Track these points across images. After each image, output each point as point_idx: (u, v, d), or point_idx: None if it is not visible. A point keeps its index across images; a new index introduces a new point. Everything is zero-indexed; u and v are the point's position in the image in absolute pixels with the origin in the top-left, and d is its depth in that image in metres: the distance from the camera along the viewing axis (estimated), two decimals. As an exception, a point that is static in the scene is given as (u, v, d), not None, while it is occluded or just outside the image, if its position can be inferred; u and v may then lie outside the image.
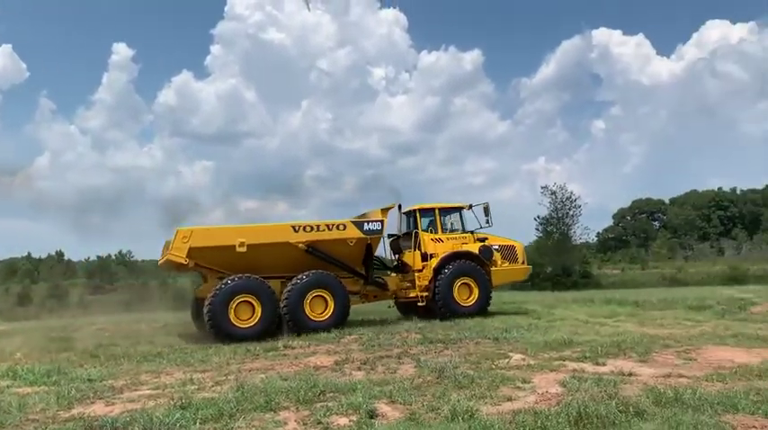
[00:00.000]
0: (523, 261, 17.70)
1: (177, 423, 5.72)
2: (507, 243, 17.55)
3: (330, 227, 15.06)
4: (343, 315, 14.47)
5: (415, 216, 16.75)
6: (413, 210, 16.86)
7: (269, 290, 13.88)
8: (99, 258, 60.74)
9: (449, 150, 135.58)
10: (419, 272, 16.02)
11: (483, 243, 16.66)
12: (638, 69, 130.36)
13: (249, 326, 13.36)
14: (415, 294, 15.87)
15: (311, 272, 14.32)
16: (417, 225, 16.54)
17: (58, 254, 66.83)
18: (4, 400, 7.19)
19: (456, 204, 17.58)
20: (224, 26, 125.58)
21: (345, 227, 15.15)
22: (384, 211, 16.04)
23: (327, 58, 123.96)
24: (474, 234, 17.01)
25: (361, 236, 15.20)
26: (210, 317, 13.14)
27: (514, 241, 18.01)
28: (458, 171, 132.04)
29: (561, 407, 5.62)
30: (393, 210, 16.65)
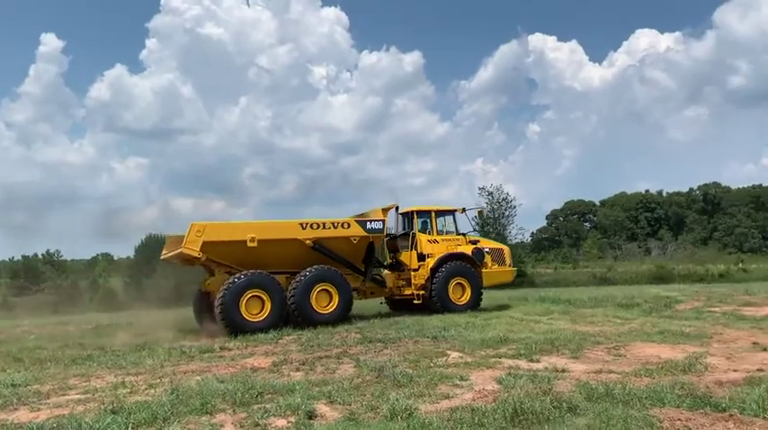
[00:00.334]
0: (510, 263, 18.56)
1: (108, 428, 5.53)
2: (496, 246, 18.77)
3: (335, 225, 15.69)
4: (347, 308, 15.13)
5: (411, 217, 17.37)
6: (410, 212, 17.48)
7: (278, 285, 14.38)
8: (24, 258, 58.09)
9: (389, 150, 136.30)
10: (415, 271, 16.69)
11: (475, 245, 17.49)
12: (571, 75, 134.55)
13: (260, 319, 13.79)
14: (411, 292, 16.60)
15: (316, 266, 14.90)
16: (414, 226, 17.16)
17: (-21, 253, 63.58)
18: None
19: (450, 207, 18.34)
20: (160, 20, 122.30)
21: (349, 225, 15.81)
22: (384, 211, 16.68)
23: (267, 55, 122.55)
24: (466, 236, 17.80)
25: (364, 234, 15.84)
26: (223, 311, 13.47)
27: (502, 245, 19.23)
28: (398, 171, 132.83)
29: (498, 403, 5.72)
30: (391, 211, 17.22)
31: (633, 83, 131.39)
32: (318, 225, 15.46)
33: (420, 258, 16.83)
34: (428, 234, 17.23)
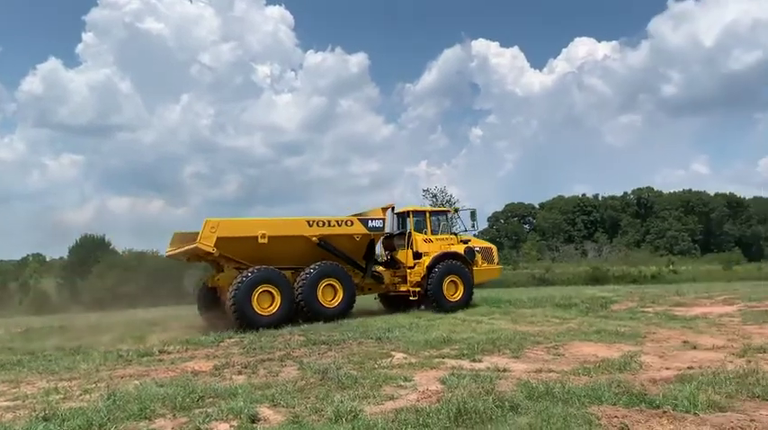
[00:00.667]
0: (498, 262, 19.57)
1: (40, 436, 5.31)
2: (486, 245, 19.53)
3: (339, 223, 16.41)
4: (351, 303, 15.83)
5: (406, 217, 18.04)
6: (406, 212, 18.17)
7: (287, 280, 14.96)
8: (-53, 258, 55.27)
9: (334, 151, 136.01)
10: (411, 268, 17.36)
11: (467, 244, 18.13)
12: (513, 80, 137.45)
13: (270, 313, 14.38)
14: (406, 289, 17.30)
15: (321, 262, 15.55)
16: (409, 225, 17.81)
17: None
18: None
19: (444, 208, 19.45)
20: (98, 13, 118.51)
21: (353, 223, 16.54)
22: (384, 210, 17.34)
23: (210, 53, 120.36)
24: (458, 236, 18.54)
25: (366, 232, 16.59)
26: (235, 305, 13.98)
27: (491, 244, 20.01)
28: (343, 172, 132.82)
29: (442, 403, 5.78)
30: (387, 210, 17.73)
31: (572, 89, 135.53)
32: (324, 222, 16.11)
33: (416, 256, 17.46)
34: (423, 233, 17.83)
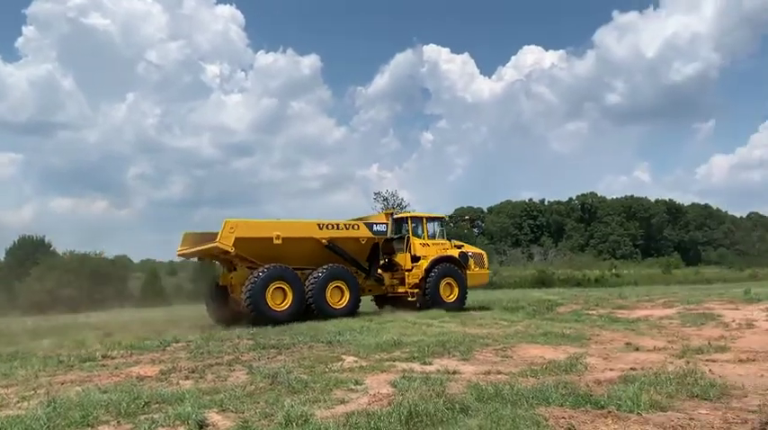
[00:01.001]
0: (487, 266, 20.84)
1: (-26, 446, 5.07)
2: (477, 251, 20.77)
3: (347, 226, 17.28)
4: (357, 304, 16.79)
5: (405, 222, 18.95)
6: (404, 217, 19.29)
7: (298, 278, 15.81)
8: None
9: (285, 153, 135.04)
10: (409, 271, 18.27)
11: (460, 249, 19.38)
12: (463, 86, 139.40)
13: (283, 309, 15.28)
14: (404, 290, 18.21)
15: (330, 265, 16.41)
16: (408, 230, 18.71)
17: None
18: None
19: (439, 215, 20.60)
20: (39, 6, 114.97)
21: (359, 227, 17.39)
22: (387, 216, 18.73)
23: (157, 50, 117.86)
24: (451, 241, 19.61)
25: (371, 236, 17.46)
26: (251, 300, 14.81)
27: (481, 250, 21.35)
28: (293, 174, 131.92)
29: (393, 407, 5.77)
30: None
31: (520, 96, 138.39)
32: (333, 226, 17.01)
33: (413, 260, 18.39)
34: (420, 238, 18.75)
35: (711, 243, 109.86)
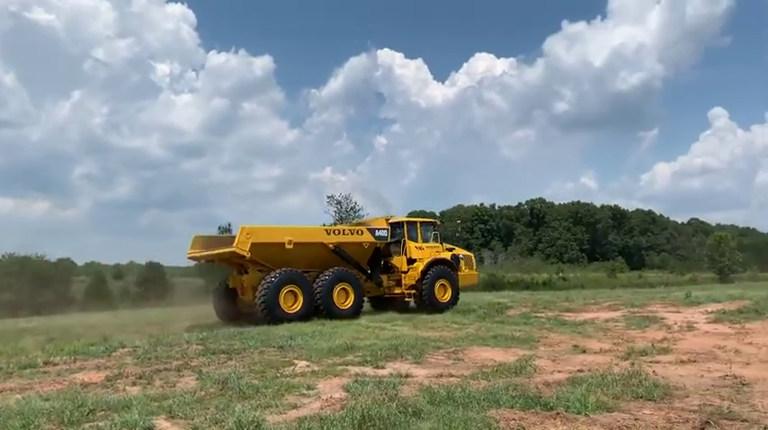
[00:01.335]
0: (476, 268, 21.73)
1: None
2: (467, 254, 21.58)
3: (352, 232, 18.32)
4: (361, 305, 17.51)
5: (401, 226, 19.56)
6: (401, 222, 19.80)
7: (308, 281, 16.55)
8: None
9: (236, 155, 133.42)
10: (405, 273, 19.00)
11: (452, 252, 20.22)
12: (417, 91, 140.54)
13: (295, 311, 15.98)
14: (400, 291, 19.01)
15: (336, 268, 17.22)
16: (404, 234, 19.35)
17: None
18: None
19: (432, 220, 21.78)
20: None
21: (362, 232, 18.35)
22: (386, 221, 19.39)
23: (105, 48, 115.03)
24: (443, 245, 20.31)
25: (373, 240, 18.36)
26: (265, 303, 15.55)
27: (470, 253, 22.17)
28: (245, 176, 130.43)
29: (346, 411, 5.75)
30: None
31: (472, 103, 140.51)
32: (339, 231, 18.24)
33: (409, 262, 19.09)
34: (415, 242, 19.46)
35: (654, 248, 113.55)
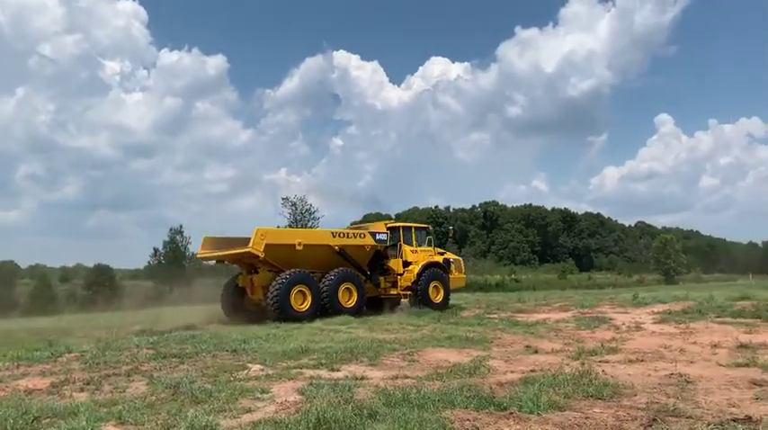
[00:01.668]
0: (464, 272, 22.62)
1: None
2: (456, 258, 22.54)
3: (355, 235, 19.11)
4: (363, 304, 18.34)
5: (397, 231, 20.46)
6: (397, 226, 20.76)
7: (315, 282, 17.38)
8: None
9: (188, 155, 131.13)
10: (400, 275, 19.95)
11: (443, 256, 21.24)
12: (373, 94, 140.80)
13: (304, 310, 16.78)
14: (396, 292, 19.97)
15: (340, 269, 18.09)
16: (400, 238, 20.29)
17: None
18: None
19: (425, 225, 22.78)
20: None
21: (364, 235, 19.16)
22: (385, 225, 20.40)
23: (52, 44, 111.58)
24: (435, 249, 21.23)
25: (374, 244, 19.27)
26: (277, 301, 16.36)
27: (459, 257, 23.27)
28: (197, 177, 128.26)
29: (301, 414, 5.71)
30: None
31: (427, 106, 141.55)
32: (344, 234, 19.02)
33: (405, 265, 20.07)
34: (410, 245, 20.43)
35: (603, 250, 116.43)
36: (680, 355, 9.37)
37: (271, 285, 16.75)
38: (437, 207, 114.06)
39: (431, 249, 21.04)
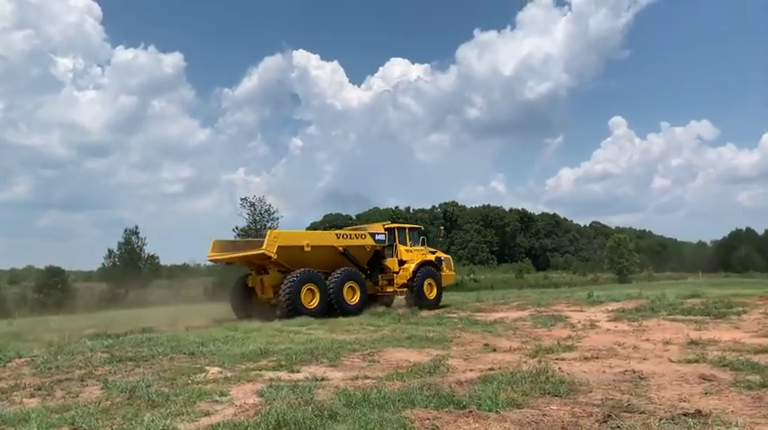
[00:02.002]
0: (453, 269, 23.97)
1: None
2: (446, 256, 23.65)
3: (357, 236, 20.19)
4: (365, 301, 19.23)
5: (393, 231, 21.37)
6: (393, 228, 21.62)
7: (323, 281, 18.35)
8: None
9: (144, 154, 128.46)
10: (396, 273, 20.88)
11: (435, 255, 22.38)
12: (332, 94, 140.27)
13: (313, 307, 17.71)
14: (392, 289, 20.99)
15: (344, 268, 19.14)
16: (396, 238, 21.25)
17: None
18: None
19: (418, 226, 24.29)
20: None
21: (365, 236, 20.25)
22: (383, 226, 21.27)
23: (0, 40, 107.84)
24: (426, 248, 22.29)
25: (374, 244, 20.37)
26: (288, 299, 17.31)
27: (448, 255, 24.49)
28: (153, 177, 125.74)
29: (260, 417, 5.66)
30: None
31: (387, 107, 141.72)
32: (347, 235, 20.09)
33: (400, 264, 20.99)
34: (405, 245, 21.43)
35: (558, 249, 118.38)
36: (633, 352, 9.59)
37: (282, 284, 17.67)
38: (397, 207, 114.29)
39: (423, 248, 22.13)
